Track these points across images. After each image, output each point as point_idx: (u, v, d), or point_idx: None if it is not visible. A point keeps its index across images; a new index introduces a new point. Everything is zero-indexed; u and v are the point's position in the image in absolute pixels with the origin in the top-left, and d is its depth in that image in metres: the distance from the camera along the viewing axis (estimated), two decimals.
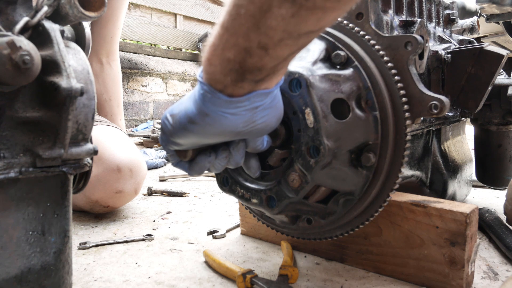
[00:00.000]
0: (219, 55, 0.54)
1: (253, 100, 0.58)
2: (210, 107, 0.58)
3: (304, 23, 0.49)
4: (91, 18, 0.57)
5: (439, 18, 1.16)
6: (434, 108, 0.71)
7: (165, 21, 4.38)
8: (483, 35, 3.09)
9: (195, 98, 0.60)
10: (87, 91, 0.57)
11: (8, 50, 0.46)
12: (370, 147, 0.72)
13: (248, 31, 0.50)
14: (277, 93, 0.62)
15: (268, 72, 0.55)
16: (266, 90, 0.58)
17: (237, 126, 0.59)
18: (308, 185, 0.69)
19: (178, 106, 0.64)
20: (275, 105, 0.62)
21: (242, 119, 0.59)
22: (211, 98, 0.57)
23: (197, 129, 0.60)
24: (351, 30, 0.75)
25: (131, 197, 1.29)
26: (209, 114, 0.58)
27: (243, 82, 0.55)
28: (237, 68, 0.54)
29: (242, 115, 0.58)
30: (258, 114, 0.60)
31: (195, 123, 0.60)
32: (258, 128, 0.61)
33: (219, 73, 0.55)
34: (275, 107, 0.62)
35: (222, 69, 0.55)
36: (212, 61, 0.55)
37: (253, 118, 0.60)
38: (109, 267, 0.93)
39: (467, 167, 1.26)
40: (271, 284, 0.80)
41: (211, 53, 0.55)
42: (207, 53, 0.56)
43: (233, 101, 0.57)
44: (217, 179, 0.82)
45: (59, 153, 0.55)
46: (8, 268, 0.56)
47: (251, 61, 0.53)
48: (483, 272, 0.89)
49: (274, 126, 0.65)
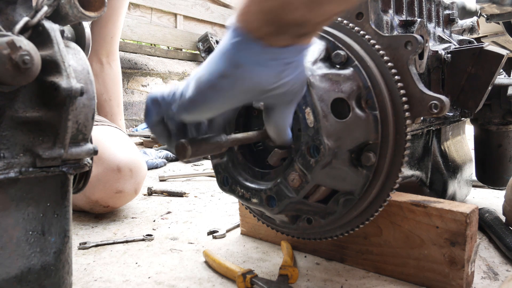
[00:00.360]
0: (258, 3, 0.51)
1: (289, 54, 0.55)
2: (245, 56, 0.54)
3: None
4: (91, 18, 0.57)
5: (439, 18, 1.16)
6: (434, 108, 0.71)
7: (165, 21, 4.38)
8: (483, 35, 3.09)
9: (224, 51, 0.56)
10: (87, 91, 0.57)
11: (8, 50, 0.46)
12: (370, 147, 0.72)
13: None
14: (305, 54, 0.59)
15: (311, 29, 0.53)
16: (303, 46, 0.56)
17: (269, 80, 0.56)
18: (308, 185, 0.69)
19: (202, 70, 0.58)
20: (303, 66, 0.59)
21: (274, 71, 0.55)
22: (246, 46, 0.53)
23: (227, 84, 0.56)
24: (351, 29, 0.75)
25: (131, 197, 1.29)
26: (243, 65, 0.54)
27: (284, 34, 0.52)
28: (278, 20, 0.51)
29: (275, 68, 0.55)
30: (290, 72, 0.56)
31: (226, 76, 0.55)
32: (286, 89, 0.58)
33: (257, 21, 0.52)
34: (302, 70, 0.59)
35: (260, 19, 0.51)
36: (249, 9, 0.52)
37: (284, 74, 0.56)
38: (109, 267, 0.93)
39: (467, 167, 1.26)
40: (271, 284, 0.80)
41: (249, 1, 0.52)
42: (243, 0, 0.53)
43: (271, 51, 0.53)
44: (217, 179, 0.82)
45: (59, 153, 0.55)
46: (8, 268, 0.56)
47: (295, 15, 0.50)
48: (483, 272, 0.89)
49: (299, 95, 0.62)
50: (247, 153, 0.82)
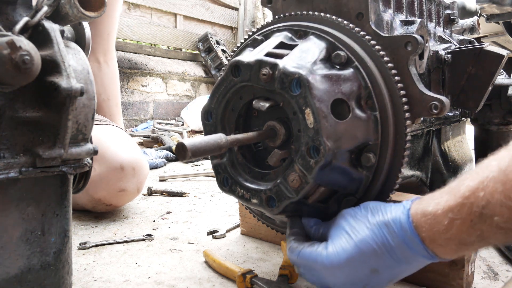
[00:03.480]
0: (458, 236, 0.55)
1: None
2: (412, 261, 0.60)
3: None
4: (91, 18, 0.57)
5: (439, 18, 1.16)
6: (434, 108, 0.71)
7: (165, 21, 4.38)
8: (483, 35, 3.09)
9: (395, 253, 0.61)
10: (87, 91, 0.57)
11: (8, 50, 0.46)
12: (370, 147, 0.72)
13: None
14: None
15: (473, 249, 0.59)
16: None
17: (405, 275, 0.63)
18: (308, 186, 0.69)
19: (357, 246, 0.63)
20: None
21: (414, 269, 0.63)
22: (417, 257, 0.60)
23: (374, 279, 0.63)
24: (351, 30, 0.75)
25: (133, 196, 1.29)
26: (406, 264, 0.61)
27: (457, 252, 0.58)
28: (470, 249, 0.57)
29: (416, 267, 0.62)
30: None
31: (377, 272, 0.62)
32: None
33: (449, 248, 0.57)
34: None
35: (454, 248, 0.57)
36: (447, 241, 0.57)
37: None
38: (109, 267, 0.93)
39: (467, 167, 1.26)
40: (271, 284, 0.80)
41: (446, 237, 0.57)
42: (433, 218, 0.57)
43: (432, 259, 0.60)
44: (217, 179, 0.82)
45: (59, 153, 0.55)
46: (8, 268, 0.56)
47: (472, 248, 0.56)
48: (483, 272, 0.89)
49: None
50: (247, 154, 0.81)
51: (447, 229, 0.55)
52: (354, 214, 0.66)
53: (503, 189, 0.50)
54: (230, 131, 0.80)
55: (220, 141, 0.64)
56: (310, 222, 0.74)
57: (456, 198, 0.55)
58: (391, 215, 0.61)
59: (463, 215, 0.53)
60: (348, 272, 0.63)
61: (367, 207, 0.67)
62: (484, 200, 0.51)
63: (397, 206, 0.63)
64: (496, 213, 0.50)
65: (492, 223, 0.51)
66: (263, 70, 0.70)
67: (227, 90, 0.77)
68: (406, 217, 0.59)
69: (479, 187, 0.52)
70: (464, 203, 0.53)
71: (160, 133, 3.04)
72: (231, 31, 5.28)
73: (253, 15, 5.36)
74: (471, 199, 0.53)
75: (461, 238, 0.55)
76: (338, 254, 0.63)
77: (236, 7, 5.21)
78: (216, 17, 4.99)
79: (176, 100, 4.26)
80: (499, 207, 0.50)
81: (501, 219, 0.50)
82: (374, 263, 0.62)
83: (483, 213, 0.51)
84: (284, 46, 0.77)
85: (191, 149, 0.60)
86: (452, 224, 0.54)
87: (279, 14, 0.86)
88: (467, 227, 0.53)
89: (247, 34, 0.89)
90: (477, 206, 0.52)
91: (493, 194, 0.50)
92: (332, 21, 0.77)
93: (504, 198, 0.49)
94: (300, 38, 0.78)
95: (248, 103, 0.78)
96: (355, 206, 0.69)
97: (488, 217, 0.51)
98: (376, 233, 0.61)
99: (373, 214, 0.64)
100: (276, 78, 0.69)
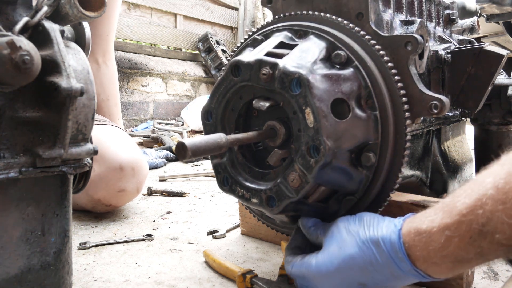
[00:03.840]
0: (453, 256, 0.55)
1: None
2: (403, 278, 0.61)
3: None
4: (91, 18, 0.57)
5: (439, 18, 1.16)
6: (434, 108, 0.71)
7: (165, 21, 4.38)
8: (483, 35, 3.09)
9: (388, 272, 0.61)
10: (87, 91, 0.57)
11: (8, 50, 0.46)
12: (370, 147, 0.72)
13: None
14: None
15: (470, 267, 0.58)
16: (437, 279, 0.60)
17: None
18: (308, 185, 0.69)
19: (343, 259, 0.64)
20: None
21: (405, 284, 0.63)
22: (408, 277, 0.60)
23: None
24: (351, 30, 0.75)
25: (133, 196, 1.29)
26: (396, 280, 0.61)
27: (452, 270, 0.57)
28: (465, 267, 0.57)
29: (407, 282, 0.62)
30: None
31: (366, 286, 0.63)
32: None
33: (444, 267, 0.57)
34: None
35: (450, 266, 0.57)
36: (441, 260, 0.57)
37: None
38: (109, 267, 0.93)
39: (467, 167, 1.26)
40: (271, 284, 0.80)
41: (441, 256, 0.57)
42: (429, 238, 0.57)
43: (424, 278, 0.59)
44: (217, 179, 0.82)
45: (59, 153, 0.55)
46: (8, 268, 0.56)
47: (469, 265, 0.56)
48: (483, 272, 0.89)
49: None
50: (247, 153, 0.81)
51: (444, 247, 0.55)
52: (347, 226, 0.67)
53: (504, 207, 0.50)
54: (230, 131, 0.80)
55: (220, 140, 0.64)
56: (308, 222, 0.74)
57: (452, 216, 0.54)
58: (381, 233, 0.62)
59: (462, 232, 0.53)
60: (336, 283, 0.64)
61: (361, 219, 0.67)
62: (484, 218, 0.51)
63: (389, 223, 0.63)
64: (498, 231, 0.50)
65: (493, 240, 0.51)
66: (263, 69, 0.70)
67: (227, 90, 0.77)
68: (397, 237, 0.60)
69: (477, 204, 0.52)
70: (462, 221, 0.53)
71: (160, 133, 3.04)
72: (231, 31, 5.28)
73: (253, 15, 5.36)
74: (469, 216, 0.53)
75: (458, 255, 0.54)
76: (326, 265, 0.64)
77: (236, 7, 5.21)
78: (216, 17, 4.99)
79: (176, 100, 4.26)
80: (501, 225, 0.50)
81: (503, 236, 0.50)
82: (362, 279, 0.62)
83: (483, 230, 0.51)
84: (284, 46, 0.77)
85: (191, 148, 0.60)
86: (449, 242, 0.54)
87: (279, 14, 0.86)
88: (465, 244, 0.53)
89: (247, 34, 0.89)
90: (477, 223, 0.52)
91: (494, 213, 0.50)
92: (332, 21, 0.77)
93: (505, 217, 0.49)
94: (300, 38, 0.78)
95: (248, 103, 0.78)
96: (351, 216, 0.69)
97: (489, 234, 0.51)
98: (365, 251, 0.62)
99: (365, 229, 0.64)
100: (276, 78, 0.69)
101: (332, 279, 0.64)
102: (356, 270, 0.62)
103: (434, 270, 0.58)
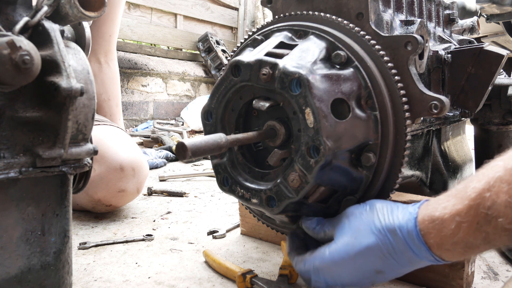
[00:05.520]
0: (464, 240, 0.56)
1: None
2: (418, 264, 0.61)
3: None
4: (91, 18, 0.57)
5: (439, 18, 1.16)
6: (434, 108, 0.71)
7: (165, 21, 4.38)
8: (483, 35, 3.09)
9: (398, 255, 0.61)
10: (87, 91, 0.57)
11: (8, 50, 0.46)
12: (370, 147, 0.72)
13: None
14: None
15: (479, 252, 0.58)
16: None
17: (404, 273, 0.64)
18: (308, 185, 0.69)
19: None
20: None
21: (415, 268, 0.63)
22: (421, 260, 0.60)
23: (379, 278, 0.64)
24: (351, 30, 0.75)
25: (133, 196, 1.29)
26: (411, 265, 0.62)
27: (463, 255, 0.58)
28: (476, 251, 0.57)
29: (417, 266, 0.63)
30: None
31: (383, 272, 0.63)
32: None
33: (456, 251, 0.58)
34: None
35: (461, 251, 0.57)
36: (453, 246, 0.57)
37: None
38: (109, 267, 0.93)
39: (467, 167, 1.26)
40: (271, 284, 0.80)
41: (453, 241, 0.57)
42: (441, 221, 0.57)
43: (436, 261, 0.60)
44: (217, 179, 0.82)
45: (59, 153, 0.55)
46: (8, 268, 0.56)
47: (478, 250, 0.57)
48: (483, 272, 0.89)
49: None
50: (247, 153, 0.81)
51: (454, 233, 0.55)
52: (359, 215, 0.66)
53: (508, 188, 0.49)
54: (230, 131, 0.80)
55: (220, 140, 0.64)
56: (312, 223, 0.74)
57: (463, 201, 0.54)
58: (398, 221, 0.62)
59: (470, 217, 0.53)
60: (352, 271, 0.64)
61: (373, 207, 0.66)
62: (490, 201, 0.51)
63: (404, 211, 0.63)
64: (501, 215, 0.50)
65: (496, 225, 0.51)
66: (263, 69, 0.70)
67: (227, 90, 0.77)
68: (413, 225, 0.60)
69: (485, 187, 0.52)
70: (471, 205, 0.53)
71: (160, 133, 3.04)
72: (231, 31, 5.28)
73: (253, 15, 5.36)
74: (478, 200, 0.53)
75: (467, 242, 0.55)
76: (340, 254, 0.64)
77: (236, 7, 5.21)
78: (216, 17, 4.99)
79: (176, 100, 4.26)
80: (504, 208, 0.50)
81: (506, 220, 0.50)
82: (379, 266, 0.62)
83: (488, 214, 0.51)
84: (284, 46, 0.77)
85: (191, 148, 0.60)
86: (459, 228, 0.54)
87: (279, 14, 0.86)
88: (473, 230, 0.53)
89: (247, 34, 0.89)
90: (483, 207, 0.52)
91: (499, 194, 0.50)
92: (332, 21, 0.77)
93: (509, 198, 0.49)
94: (300, 38, 0.78)
95: (248, 103, 0.78)
96: (360, 204, 0.69)
97: (493, 219, 0.51)
98: (382, 240, 0.62)
99: (379, 217, 0.64)
100: (276, 78, 0.69)
101: (348, 267, 0.64)
102: (373, 258, 0.62)
103: (448, 255, 0.58)
